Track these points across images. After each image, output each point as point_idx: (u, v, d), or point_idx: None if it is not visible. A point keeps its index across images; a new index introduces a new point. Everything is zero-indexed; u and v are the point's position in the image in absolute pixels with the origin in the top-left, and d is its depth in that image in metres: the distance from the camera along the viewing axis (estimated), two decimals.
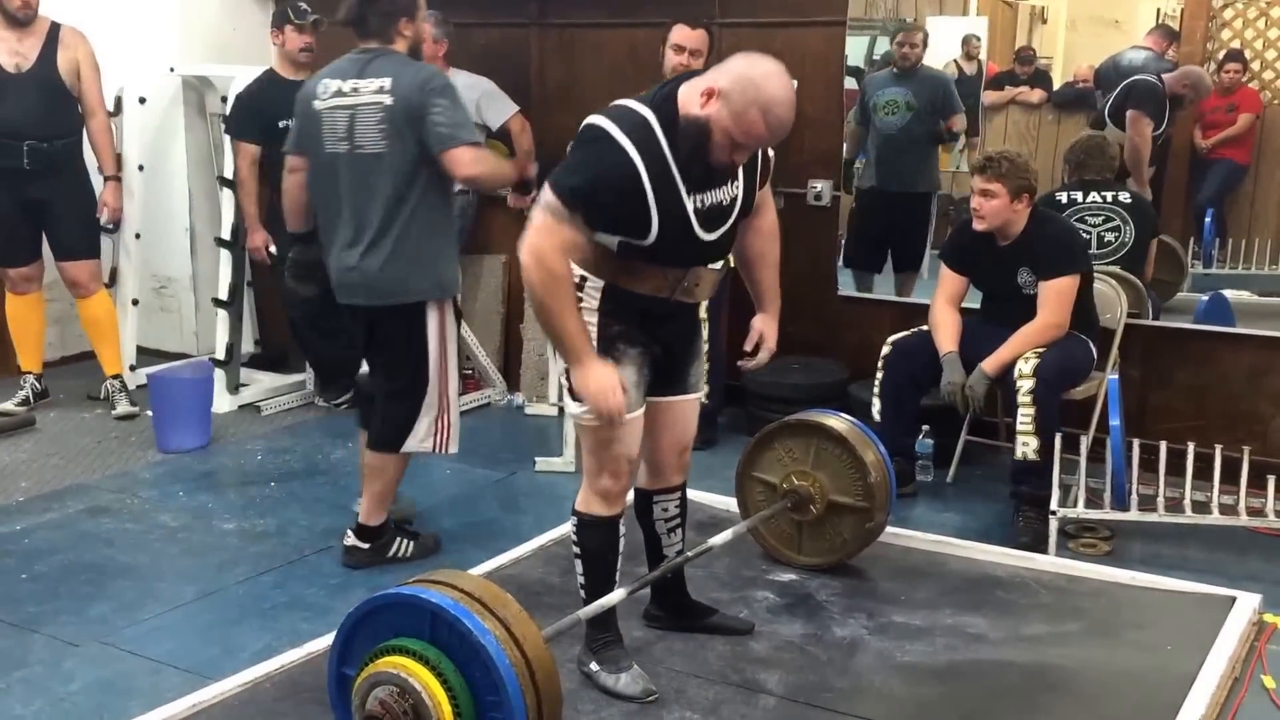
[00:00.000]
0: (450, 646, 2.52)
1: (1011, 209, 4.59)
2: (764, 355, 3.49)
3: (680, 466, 3.45)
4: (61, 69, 5.64)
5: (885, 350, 4.89)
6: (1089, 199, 5.13)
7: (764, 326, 3.49)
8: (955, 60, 6.11)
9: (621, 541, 3.29)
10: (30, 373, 6.02)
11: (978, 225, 4.66)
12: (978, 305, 4.95)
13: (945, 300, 4.85)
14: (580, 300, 3.07)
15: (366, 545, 4.27)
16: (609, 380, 3.01)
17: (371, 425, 4.31)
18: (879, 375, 4.90)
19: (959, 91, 5.99)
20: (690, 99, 2.93)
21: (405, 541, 4.34)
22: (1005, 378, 4.55)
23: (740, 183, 3.12)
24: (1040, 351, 4.50)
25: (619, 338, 3.12)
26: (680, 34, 5.23)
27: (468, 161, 3.96)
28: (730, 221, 3.14)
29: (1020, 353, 4.52)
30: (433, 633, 2.54)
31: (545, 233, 2.93)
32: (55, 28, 5.69)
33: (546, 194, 2.93)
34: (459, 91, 4.09)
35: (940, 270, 4.92)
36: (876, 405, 4.89)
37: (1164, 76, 5.43)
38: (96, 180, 5.88)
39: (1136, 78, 5.42)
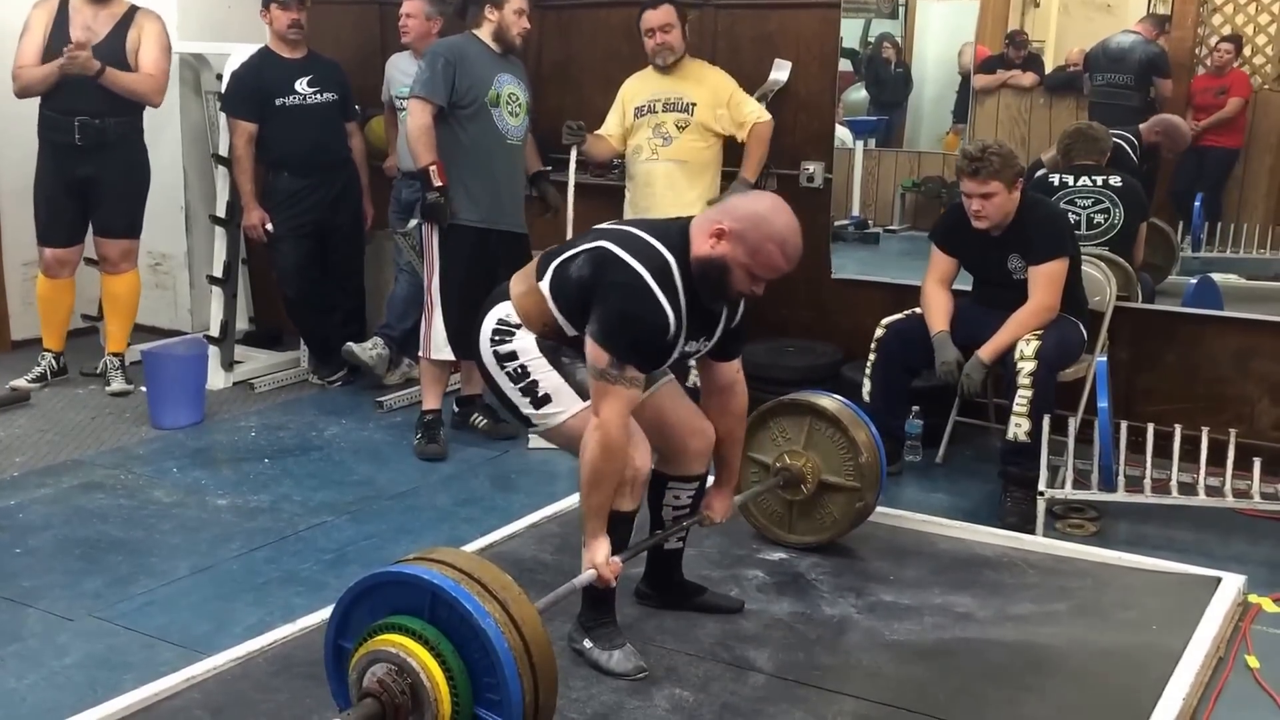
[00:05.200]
0: (449, 627, 2.53)
1: (1011, 200, 4.60)
2: (709, 521, 3.61)
3: (698, 453, 3.46)
4: (129, 47, 5.65)
5: (879, 332, 4.91)
6: (1079, 182, 5.15)
7: (717, 502, 3.60)
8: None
9: (633, 534, 3.35)
10: (50, 350, 6.05)
11: (981, 225, 4.63)
12: (968, 287, 4.98)
13: (935, 281, 4.87)
14: (512, 335, 3.23)
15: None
16: (611, 556, 3.15)
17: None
18: (871, 357, 4.92)
19: None
20: (700, 239, 3.06)
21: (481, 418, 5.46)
22: (1004, 360, 4.58)
23: (714, 339, 3.28)
24: (1040, 334, 4.52)
25: (559, 350, 3.24)
26: (646, 18, 5.37)
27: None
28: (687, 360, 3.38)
29: (1015, 338, 4.54)
30: (432, 612, 2.55)
31: (611, 406, 3.04)
32: (132, 10, 5.71)
33: (599, 355, 3.02)
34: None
35: (931, 251, 4.93)
36: (867, 386, 4.91)
37: (1141, 128, 5.50)
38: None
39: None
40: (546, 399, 3.23)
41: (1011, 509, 4.49)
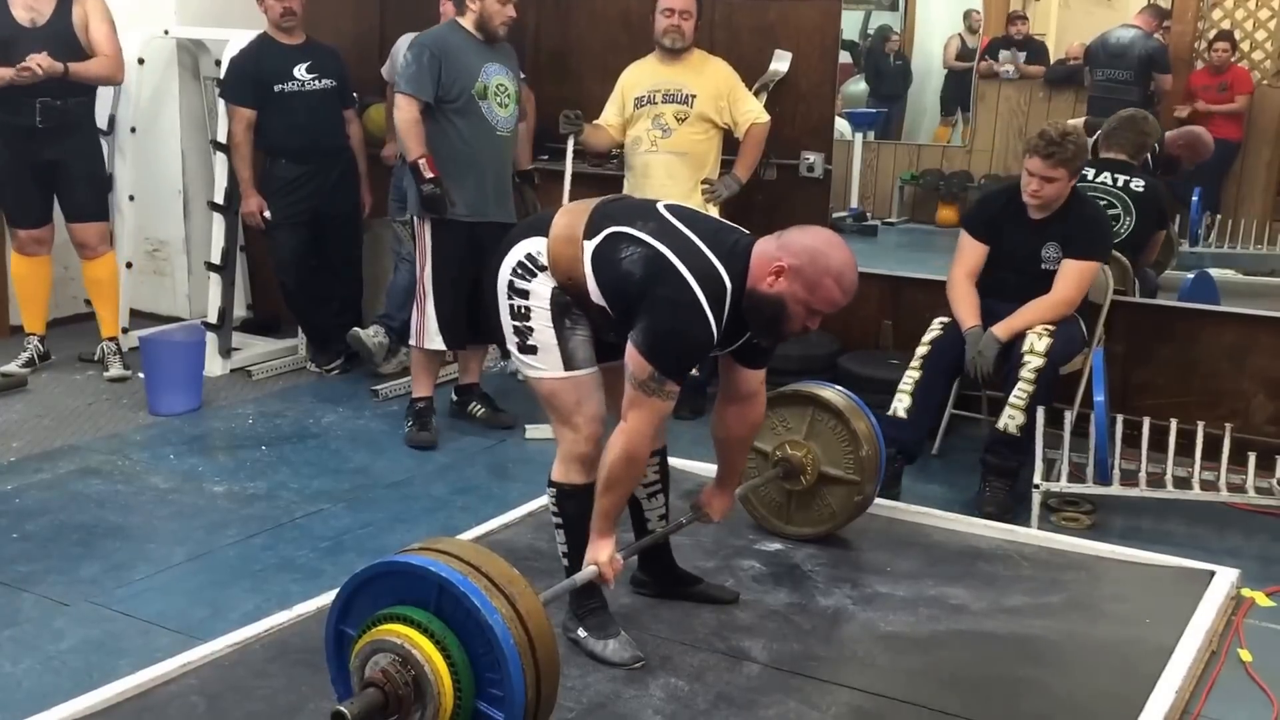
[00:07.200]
0: (455, 620, 2.52)
1: (1066, 190, 4.55)
2: (708, 519, 3.64)
3: None
4: (76, 24, 5.59)
5: (923, 350, 4.68)
6: (1099, 179, 5.09)
7: (717, 500, 3.62)
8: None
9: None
10: (34, 335, 6.03)
11: (1033, 203, 4.56)
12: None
13: (965, 273, 4.74)
14: (533, 275, 3.18)
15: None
16: (614, 556, 3.20)
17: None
18: (915, 374, 4.65)
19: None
20: (759, 275, 3.05)
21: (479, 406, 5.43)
22: (1012, 346, 4.54)
23: (733, 347, 3.27)
24: (1052, 331, 4.49)
25: (567, 309, 3.21)
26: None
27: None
28: None
29: (1032, 323, 4.51)
30: (438, 605, 2.54)
31: (642, 416, 3.06)
32: None
33: (642, 366, 3.02)
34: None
35: (961, 239, 4.80)
36: (905, 403, 4.62)
37: (1166, 137, 5.43)
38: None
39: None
40: (533, 350, 3.21)
41: (990, 498, 4.48)
